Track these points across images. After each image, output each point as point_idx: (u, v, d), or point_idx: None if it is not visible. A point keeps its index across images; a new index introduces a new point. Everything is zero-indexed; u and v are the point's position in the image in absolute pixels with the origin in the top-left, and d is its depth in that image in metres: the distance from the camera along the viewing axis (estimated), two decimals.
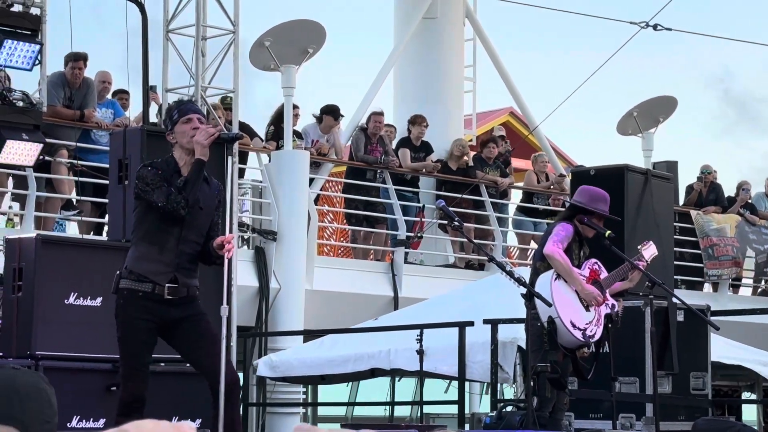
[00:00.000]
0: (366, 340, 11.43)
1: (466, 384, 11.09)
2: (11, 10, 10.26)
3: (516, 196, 17.04)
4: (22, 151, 10.18)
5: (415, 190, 15.56)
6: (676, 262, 12.41)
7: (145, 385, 6.70)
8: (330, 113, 14.85)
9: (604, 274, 8.61)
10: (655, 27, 16.85)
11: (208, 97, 11.96)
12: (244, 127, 13.42)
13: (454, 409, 11.11)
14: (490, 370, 10.14)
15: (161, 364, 8.58)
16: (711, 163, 18.32)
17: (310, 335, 12.71)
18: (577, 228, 8.55)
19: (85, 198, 12.50)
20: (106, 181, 10.30)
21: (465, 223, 11.70)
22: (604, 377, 8.60)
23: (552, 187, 16.63)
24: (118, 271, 6.81)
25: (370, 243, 15.40)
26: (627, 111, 16.88)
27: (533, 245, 15.76)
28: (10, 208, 12.95)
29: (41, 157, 10.53)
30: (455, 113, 17.16)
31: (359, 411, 17.57)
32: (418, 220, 15.14)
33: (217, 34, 11.98)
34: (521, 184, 17.06)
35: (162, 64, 11.84)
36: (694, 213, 17.30)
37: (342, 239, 17.44)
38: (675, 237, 12.86)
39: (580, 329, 8.28)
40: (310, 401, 16.07)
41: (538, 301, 8.12)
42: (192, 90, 11.65)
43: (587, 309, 8.40)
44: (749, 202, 17.97)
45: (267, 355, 12.49)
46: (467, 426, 11.03)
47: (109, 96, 13.56)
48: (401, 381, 12.30)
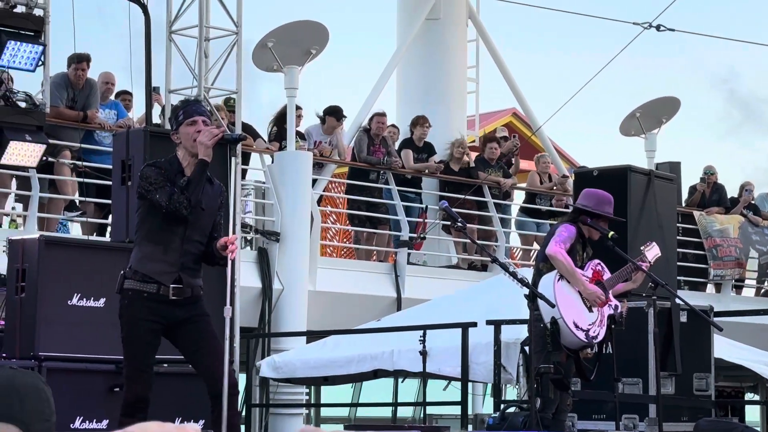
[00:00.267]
0: (369, 341, 11.42)
1: (469, 385, 11.08)
2: (14, 11, 10.26)
3: (519, 197, 17.04)
4: (26, 152, 10.18)
5: (418, 191, 15.55)
6: (679, 263, 12.41)
7: (149, 386, 6.68)
8: (333, 114, 14.84)
9: (607, 275, 8.60)
10: (658, 28, 16.84)
11: (211, 98, 11.95)
12: (247, 128, 13.42)
13: (457, 410, 11.10)
14: (493, 371, 10.14)
15: (164, 365, 8.57)
16: (716, 164, 18.34)
17: (313, 336, 12.71)
18: (581, 229, 8.54)
19: (88, 199, 12.49)
20: (109, 182, 10.30)
21: (468, 224, 11.70)
22: (607, 378, 8.59)
23: (555, 188, 16.62)
24: (123, 271, 6.81)
25: (373, 244, 15.39)
26: (630, 112, 16.88)
27: (536, 246, 15.74)
28: (13, 209, 12.97)
29: (44, 158, 10.53)
30: (458, 114, 17.16)
31: (362, 412, 17.58)
32: (420, 221, 15.13)
33: (220, 35, 11.98)
34: (524, 185, 17.05)
35: (165, 65, 11.84)
36: (697, 214, 17.28)
37: (345, 240, 17.43)
38: (678, 238, 12.86)
39: (583, 330, 8.27)
40: (313, 402, 16.07)
41: (541, 302, 8.12)
42: (195, 91, 11.65)
43: (590, 310, 8.39)
44: (752, 203, 17.96)
45: (270, 356, 12.48)
46: (470, 427, 11.03)
47: (112, 97, 13.56)
48: (404, 382, 12.30)
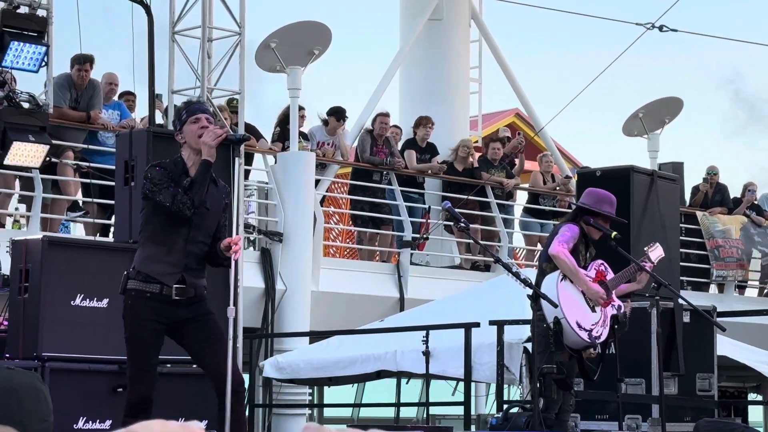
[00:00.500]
0: (372, 341, 11.42)
1: (472, 385, 11.07)
2: (18, 12, 10.26)
3: (522, 198, 17.04)
4: (29, 153, 10.18)
5: (421, 191, 15.55)
6: (682, 264, 12.40)
7: (153, 386, 6.69)
8: (334, 114, 14.85)
9: (610, 275, 8.60)
10: (660, 28, 16.82)
11: (214, 99, 11.96)
12: (250, 128, 13.42)
13: (460, 410, 11.10)
14: (496, 372, 10.13)
15: (168, 365, 8.58)
16: (720, 164, 18.36)
17: (316, 336, 12.71)
18: (583, 229, 8.54)
19: (91, 199, 12.50)
20: (112, 183, 10.30)
21: (471, 225, 11.70)
22: (610, 378, 8.58)
23: (558, 188, 16.62)
24: (126, 272, 6.81)
25: (376, 244, 15.39)
26: (633, 112, 16.88)
27: (539, 246, 15.74)
28: (16, 209, 12.97)
29: (47, 158, 10.53)
30: (461, 114, 17.16)
31: (365, 412, 17.58)
32: (423, 221, 15.13)
33: (223, 36, 11.98)
34: (527, 185, 17.05)
35: (168, 65, 11.84)
36: (700, 214, 17.27)
37: (348, 240, 17.43)
38: (681, 238, 12.85)
39: (586, 330, 8.27)
40: (316, 402, 16.07)
41: (544, 302, 8.12)
42: (198, 92, 11.65)
43: (593, 310, 8.39)
44: (755, 203, 17.95)
45: (273, 356, 12.49)
46: (473, 427, 11.02)
47: (115, 98, 13.56)
48: (409, 383, 12.30)
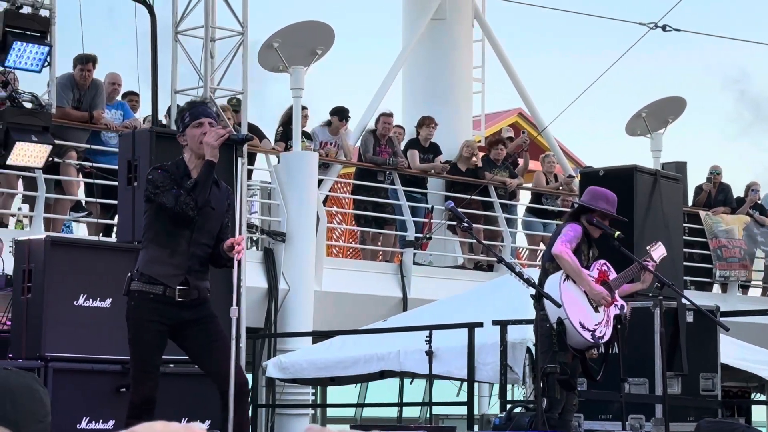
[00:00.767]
0: (375, 341, 11.41)
1: (476, 385, 11.07)
2: (20, 12, 10.27)
3: (525, 197, 17.03)
4: (32, 153, 10.18)
5: (424, 191, 15.55)
6: (685, 263, 12.39)
7: (156, 387, 6.68)
8: (336, 114, 14.85)
9: (612, 275, 8.59)
10: (664, 28, 16.82)
11: (217, 99, 11.95)
12: (253, 128, 13.42)
13: (463, 410, 11.10)
14: (499, 372, 10.13)
15: (170, 365, 8.57)
16: (726, 164, 18.39)
17: (319, 336, 12.70)
18: (586, 229, 8.53)
19: (95, 199, 12.49)
20: (116, 183, 10.30)
21: (474, 224, 11.70)
22: (614, 378, 8.58)
23: (561, 187, 16.61)
24: (129, 273, 6.82)
25: (379, 244, 15.39)
26: (636, 112, 16.87)
27: (542, 246, 15.73)
28: (19, 209, 12.98)
29: (50, 158, 10.53)
30: (464, 114, 17.15)
31: (368, 412, 17.56)
32: (426, 221, 15.12)
33: (226, 36, 11.98)
34: (530, 185, 17.04)
35: (171, 65, 11.84)
36: (703, 214, 17.26)
37: (351, 240, 17.43)
38: (684, 238, 12.84)
39: (589, 330, 8.26)
40: (319, 402, 16.07)
41: (547, 302, 8.11)
42: (201, 92, 11.65)
43: (596, 310, 8.38)
44: (758, 203, 17.94)
45: (276, 356, 12.49)
46: (476, 427, 11.02)
47: (118, 98, 13.57)
48: (412, 384, 12.29)
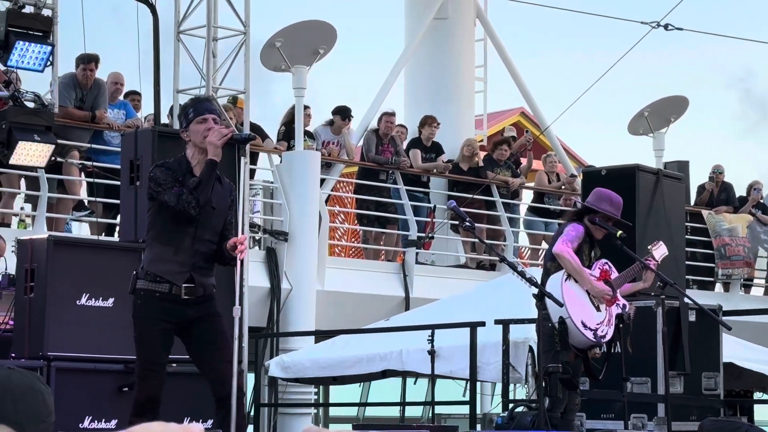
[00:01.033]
0: (377, 340, 11.41)
1: (478, 384, 11.07)
2: (23, 11, 10.28)
3: (527, 197, 17.03)
4: (34, 153, 10.19)
5: (426, 190, 15.55)
6: (687, 262, 12.38)
7: (161, 386, 6.69)
8: (338, 113, 14.85)
9: (614, 275, 8.59)
10: (666, 27, 16.83)
11: (219, 98, 11.95)
12: (255, 128, 13.42)
13: (465, 409, 11.10)
14: (501, 371, 10.12)
15: (173, 364, 8.57)
16: (730, 163, 18.42)
17: (321, 336, 12.71)
18: (588, 229, 8.53)
19: (97, 199, 12.50)
20: (118, 182, 10.30)
21: (476, 224, 11.70)
22: (616, 377, 8.58)
23: (563, 187, 16.61)
24: (135, 272, 6.82)
25: (381, 243, 15.39)
26: (638, 111, 16.87)
27: (544, 245, 15.73)
28: (22, 209, 12.99)
29: (53, 158, 10.54)
30: (466, 113, 17.15)
31: (371, 411, 17.57)
32: (429, 220, 15.12)
33: (228, 35, 11.99)
34: (532, 185, 17.05)
35: (173, 65, 11.85)
36: (705, 213, 17.26)
37: (353, 240, 17.43)
38: (687, 237, 12.83)
39: (591, 329, 8.26)
40: (321, 402, 16.08)
41: (549, 302, 8.11)
42: (203, 91, 11.66)
43: (598, 309, 8.38)
44: (761, 201, 17.93)
45: (278, 355, 12.49)
46: (479, 426, 11.02)
47: (121, 97, 13.58)
48: (416, 384, 12.28)
